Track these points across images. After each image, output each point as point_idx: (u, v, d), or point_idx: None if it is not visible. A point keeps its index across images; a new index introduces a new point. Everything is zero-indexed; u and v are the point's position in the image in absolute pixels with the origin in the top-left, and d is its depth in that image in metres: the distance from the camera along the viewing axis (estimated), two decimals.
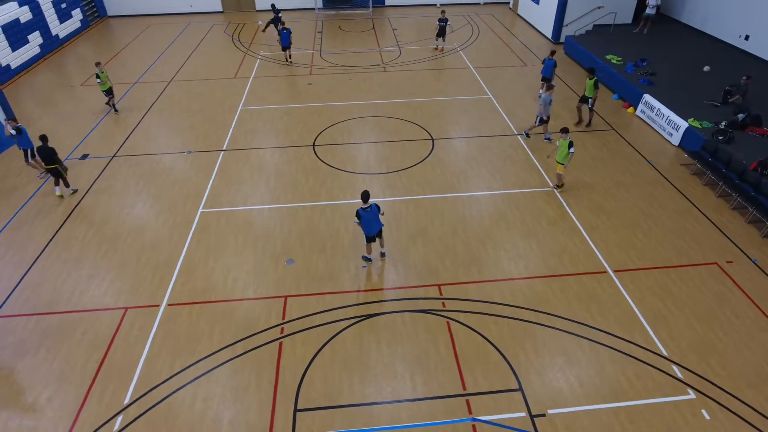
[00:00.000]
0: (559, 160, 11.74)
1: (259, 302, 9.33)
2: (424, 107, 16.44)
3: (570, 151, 11.42)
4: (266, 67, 19.99)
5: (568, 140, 11.42)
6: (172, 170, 13.37)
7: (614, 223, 11.15)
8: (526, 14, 24.81)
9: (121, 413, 7.49)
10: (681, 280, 9.65)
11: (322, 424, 7.30)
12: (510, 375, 7.93)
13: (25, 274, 10.11)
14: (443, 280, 9.73)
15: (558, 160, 11.77)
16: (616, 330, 8.64)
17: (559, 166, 11.82)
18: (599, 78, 14.99)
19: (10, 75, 18.90)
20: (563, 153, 11.54)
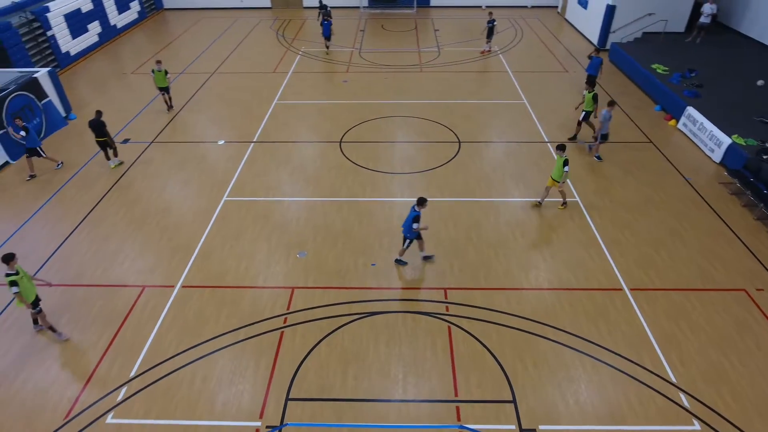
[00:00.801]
0: (554, 178, 11.27)
1: (266, 291, 9.59)
2: (456, 109, 16.30)
3: (564, 169, 10.90)
4: (305, 63, 20.40)
5: (564, 157, 10.89)
6: (204, 158, 13.91)
7: (637, 240, 10.70)
8: (573, 19, 24.08)
9: (126, 385, 7.91)
10: (701, 304, 9.15)
11: (311, 415, 7.44)
12: (505, 386, 7.80)
13: (59, 247, 10.82)
14: (450, 284, 9.66)
15: (553, 177, 11.30)
16: (623, 350, 8.31)
17: (554, 183, 11.31)
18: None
19: (69, 61, 20.20)
20: (559, 170, 11.06)
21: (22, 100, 14.30)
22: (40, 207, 12.07)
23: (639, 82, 17.55)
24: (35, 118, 14.72)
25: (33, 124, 14.52)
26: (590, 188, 12.35)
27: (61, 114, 15.79)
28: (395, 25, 25.28)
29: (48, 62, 19.01)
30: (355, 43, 22.63)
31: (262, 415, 7.45)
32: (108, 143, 13.32)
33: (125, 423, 7.38)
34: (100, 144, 13.31)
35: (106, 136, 13.17)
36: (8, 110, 13.74)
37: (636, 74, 17.68)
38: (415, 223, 9.20)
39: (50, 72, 15.54)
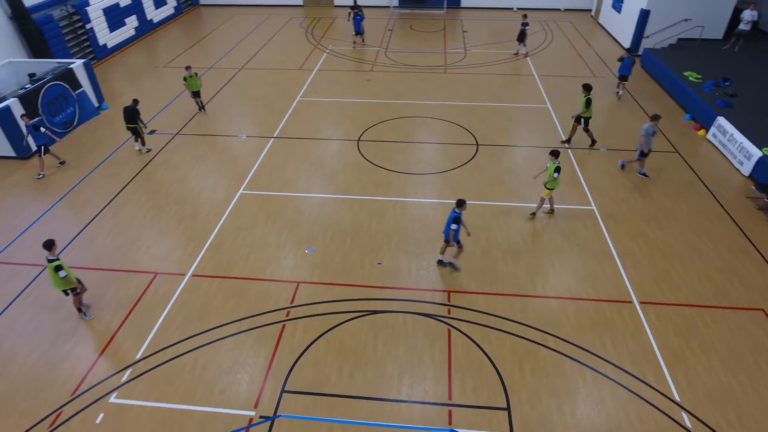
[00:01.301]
0: (546, 186, 11.02)
1: (272, 284, 9.76)
2: (477, 112, 16.16)
3: (554, 175, 10.66)
4: (331, 61, 20.58)
5: (556, 164, 10.65)
6: (225, 151, 14.24)
7: (653, 252, 10.38)
8: (606, 23, 23.47)
9: (131, 367, 8.21)
10: (714, 321, 8.81)
11: (304, 408, 7.54)
12: (500, 392, 7.71)
13: (81, 231, 11.29)
14: (454, 287, 9.61)
15: (546, 186, 11.03)
16: (627, 364, 8.09)
17: (546, 191, 11.05)
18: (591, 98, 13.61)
19: (105, 53, 20.99)
20: (549, 177, 10.82)
21: (58, 89, 14.96)
22: (67, 192, 12.61)
23: (669, 90, 16.98)
24: (69, 107, 15.37)
25: (65, 113, 15.19)
26: (608, 197, 12.05)
27: (93, 104, 16.44)
28: (424, 25, 25.22)
29: (86, 54, 19.81)
30: (382, 42, 22.68)
31: (257, 405, 7.60)
32: (138, 131, 13.87)
33: (127, 403, 7.66)
34: (131, 130, 13.89)
35: (136, 124, 13.73)
36: (44, 99, 14.41)
37: (667, 81, 17.12)
38: (454, 225, 9.17)
39: (85, 63, 16.19)
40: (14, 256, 10.61)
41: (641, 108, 16.28)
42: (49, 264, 8.39)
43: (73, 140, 15.06)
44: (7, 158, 13.91)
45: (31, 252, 10.65)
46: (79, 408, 7.61)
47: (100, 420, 7.43)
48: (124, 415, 7.51)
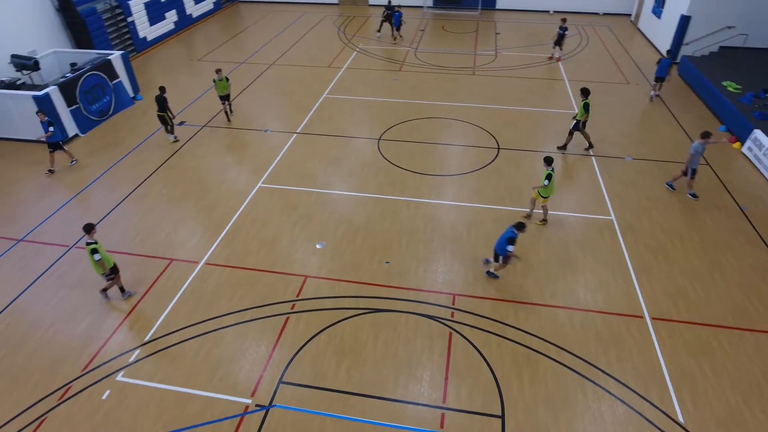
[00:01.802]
0: (541, 193, 10.82)
1: (281, 276, 9.94)
2: (501, 115, 15.96)
3: (544, 182, 10.53)
4: (361, 60, 20.72)
5: (547, 171, 10.52)
6: (248, 145, 14.56)
7: (671, 268, 10.01)
8: (646, 29, 22.70)
9: (139, 348, 8.53)
10: (730, 343, 8.43)
11: (299, 400, 7.66)
12: (496, 399, 7.62)
13: (108, 214, 11.79)
14: (460, 291, 9.54)
15: (540, 193, 10.84)
16: (631, 381, 7.85)
17: (541, 198, 10.88)
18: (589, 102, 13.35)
19: (145, 46, 21.80)
20: (542, 184, 10.66)
21: (95, 79, 15.65)
22: (97, 177, 13.20)
23: (706, 100, 16.30)
24: (105, 96, 16.06)
25: (102, 102, 15.88)
26: (629, 207, 11.69)
27: (129, 94, 17.11)
28: (456, 26, 25.04)
29: (126, 46, 20.63)
30: (413, 42, 22.66)
31: (254, 394, 7.77)
32: (165, 119, 14.36)
33: (132, 382, 7.97)
34: (160, 118, 14.42)
35: (164, 112, 14.23)
36: (82, 88, 15.10)
37: (704, 91, 16.43)
38: (510, 246, 9.02)
39: (123, 55, 16.87)
40: (43, 235, 11.19)
41: (674, 117, 15.69)
42: (87, 247, 8.72)
43: (107, 128, 15.72)
44: (43, 142, 14.62)
45: (59, 232, 11.21)
46: (88, 383, 7.97)
47: (106, 396, 7.76)
48: (128, 394, 7.81)
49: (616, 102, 16.75)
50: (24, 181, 13.06)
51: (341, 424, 7.31)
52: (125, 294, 9.48)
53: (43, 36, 17.59)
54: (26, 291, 9.72)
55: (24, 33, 16.79)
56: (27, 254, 10.63)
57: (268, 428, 7.29)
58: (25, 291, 9.72)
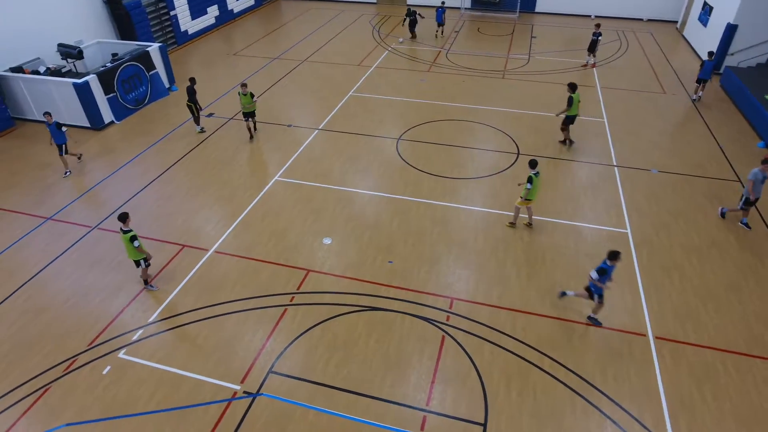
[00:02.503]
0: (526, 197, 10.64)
1: (284, 269, 10.14)
2: (526, 120, 15.65)
3: (527, 186, 10.38)
4: (391, 59, 20.77)
5: (531, 174, 10.39)
6: (270, 139, 14.90)
7: (684, 287, 9.58)
8: (691, 37, 21.68)
9: (142, 328, 8.92)
10: (738, 370, 8.00)
11: (286, 390, 7.81)
12: (480, 407, 7.53)
13: (130, 199, 12.35)
14: (459, 295, 9.46)
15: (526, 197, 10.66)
16: (625, 401, 7.57)
17: (519, 198, 10.77)
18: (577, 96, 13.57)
19: (186, 39, 22.63)
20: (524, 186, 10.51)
21: (133, 69, 16.40)
22: (125, 163, 13.84)
23: (747, 113, 15.45)
24: (141, 86, 16.79)
25: (138, 91, 16.62)
26: (648, 221, 11.25)
27: (165, 85, 17.82)
28: (492, 28, 24.69)
29: (167, 38, 21.49)
30: (446, 43, 22.52)
31: (244, 381, 7.98)
32: (192, 110, 14.88)
33: (132, 360, 8.34)
34: (189, 108, 14.97)
35: (192, 103, 14.76)
36: (119, 77, 15.86)
37: (745, 104, 15.58)
38: (595, 273, 8.21)
39: (161, 47, 17.59)
40: (70, 215, 11.84)
41: (709, 130, 14.95)
42: (124, 235, 9.04)
43: (142, 116, 16.45)
44: (83, 128, 15.49)
45: (84, 213, 11.84)
46: (92, 358, 8.40)
47: (107, 371, 8.16)
48: (127, 371, 8.19)
49: (649, 112, 16.11)
50: (58, 163, 13.82)
51: (323, 418, 7.42)
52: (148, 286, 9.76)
53: (90, 27, 18.55)
54: (48, 267, 10.33)
55: (72, 23, 17.76)
56: (53, 232, 11.28)
57: (252, 415, 7.48)
58: (47, 267, 10.33)
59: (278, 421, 7.40)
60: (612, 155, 13.74)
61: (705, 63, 16.05)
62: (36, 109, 15.63)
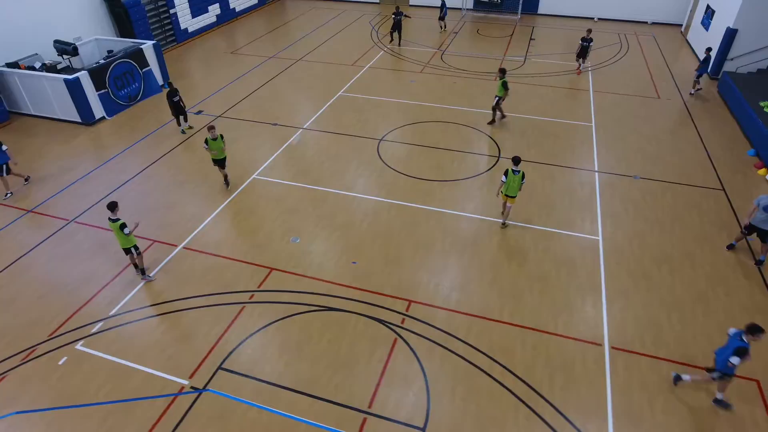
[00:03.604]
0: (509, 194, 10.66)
1: (248, 267, 10.21)
2: (512, 124, 15.48)
3: (502, 179, 10.57)
4: (385, 59, 20.74)
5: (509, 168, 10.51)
6: (254, 137, 15.01)
7: (651, 297, 9.37)
8: (694, 41, 21.17)
9: (103, 321, 9.06)
10: (693, 384, 7.79)
11: (232, 387, 7.87)
12: (422, 412, 7.48)
13: (111, 193, 12.56)
14: (418, 298, 9.40)
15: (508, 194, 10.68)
16: (570, 411, 7.44)
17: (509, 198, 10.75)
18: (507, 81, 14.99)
19: (185, 37, 22.94)
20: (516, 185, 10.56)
21: (126, 66, 16.68)
22: (112, 157, 14.09)
23: (740, 120, 15.04)
24: (134, 83, 17.08)
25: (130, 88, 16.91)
26: (622, 229, 11.04)
27: (158, 82, 18.10)
28: (492, 30, 24.46)
29: (167, 36, 21.81)
30: (443, 44, 22.40)
31: (192, 376, 8.06)
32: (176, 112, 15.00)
33: (88, 352, 8.49)
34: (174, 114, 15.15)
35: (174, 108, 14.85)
36: (111, 74, 16.16)
37: (740, 110, 15.16)
38: (736, 358, 6.83)
39: (155, 45, 17.86)
40: (50, 208, 12.10)
41: (700, 137, 14.60)
42: (113, 223, 9.24)
43: (133, 113, 16.73)
44: (74, 122, 15.83)
45: (63, 207, 12.09)
46: (51, 348, 8.58)
47: (63, 362, 8.33)
48: (83, 362, 8.34)
49: (641, 117, 15.79)
50: (50, 157, 14.15)
51: (264, 416, 7.45)
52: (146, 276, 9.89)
53: (90, 24, 18.93)
54: (22, 258, 10.58)
55: (72, 20, 18.16)
56: (32, 224, 11.55)
57: (195, 410, 7.56)
58: (21, 258, 10.58)
59: (220, 417, 7.47)
60: (595, 161, 13.51)
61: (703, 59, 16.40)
62: (31, 103, 16.04)
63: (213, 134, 11.95)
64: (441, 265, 10.17)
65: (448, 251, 10.51)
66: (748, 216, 10.04)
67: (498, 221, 11.27)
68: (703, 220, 11.31)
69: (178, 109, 14.92)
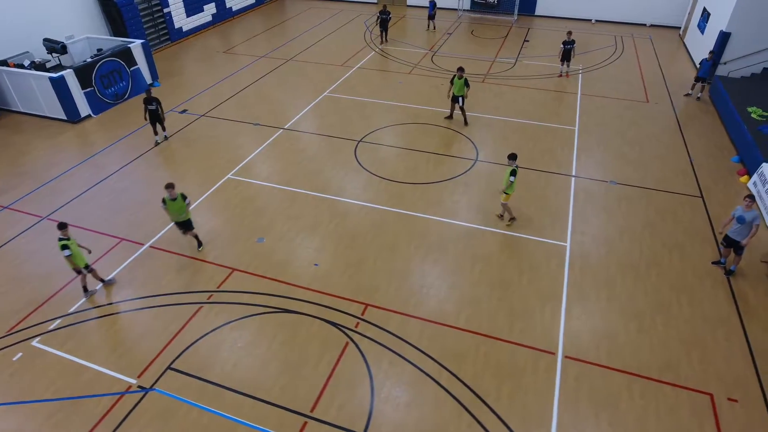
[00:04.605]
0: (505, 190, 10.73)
1: (210, 267, 10.24)
2: (494, 126, 15.32)
3: (510, 179, 10.54)
4: (375, 60, 20.67)
5: (512, 167, 10.56)
6: (235, 136, 15.06)
7: (612, 305, 9.19)
8: (690, 44, 20.76)
9: (61, 318, 9.15)
10: (643, 396, 7.63)
11: (178, 387, 7.89)
12: (364, 418, 7.42)
13: (86, 191, 12.68)
14: (374, 302, 9.34)
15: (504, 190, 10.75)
16: (513, 421, 7.33)
17: (502, 195, 10.79)
18: None
19: (179, 36, 23.11)
20: (506, 180, 10.58)
21: (113, 65, 16.85)
22: (93, 155, 14.24)
23: (727, 125, 14.70)
24: (122, 81, 17.25)
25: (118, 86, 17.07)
26: (591, 235, 10.85)
27: (146, 81, 18.25)
28: (487, 31, 24.23)
29: (160, 35, 22.00)
30: (435, 46, 22.26)
31: (141, 375, 8.10)
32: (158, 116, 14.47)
33: (43, 349, 8.58)
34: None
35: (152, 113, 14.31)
36: (98, 72, 16.33)
37: (727, 116, 14.83)
38: None
39: (144, 44, 18.01)
40: (27, 205, 12.25)
41: (684, 143, 14.29)
42: (59, 242, 8.95)
43: (119, 111, 16.89)
44: (59, 120, 16.03)
45: (38, 204, 12.23)
46: (7, 344, 8.68)
47: (17, 358, 8.42)
48: (36, 359, 8.43)
49: (626, 121, 15.51)
50: (34, 154, 14.34)
51: (205, 417, 7.46)
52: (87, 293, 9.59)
53: (83, 22, 19.17)
54: None
55: (64, 19, 18.40)
56: (6, 221, 11.70)
57: (139, 410, 7.59)
58: None
59: (162, 417, 7.48)
60: (573, 165, 13.30)
61: (703, 63, 16.00)
62: (19, 100, 16.28)
63: (171, 193, 9.93)
64: (403, 268, 10.09)
65: (412, 255, 10.43)
66: (722, 226, 9.81)
67: (465, 225, 11.17)
68: (676, 227, 11.07)
69: (153, 117, 14.37)
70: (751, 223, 9.12)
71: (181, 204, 10.09)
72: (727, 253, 9.87)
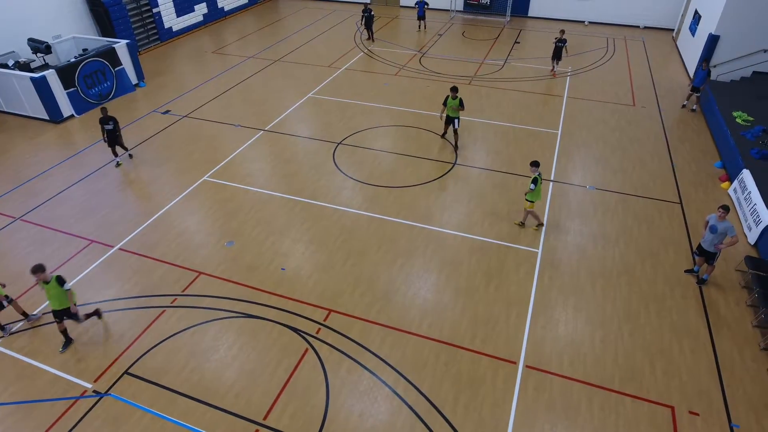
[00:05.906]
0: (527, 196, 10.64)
1: (177, 270, 10.17)
2: (476, 129, 15.17)
3: (531, 186, 10.41)
4: (363, 62, 20.55)
5: (534, 175, 10.40)
6: (214, 138, 14.98)
7: (578, 315, 9.04)
8: (682, 47, 20.51)
9: (22, 321, 9.10)
10: (602, 408, 7.48)
11: (132, 392, 7.81)
12: (316, 427, 7.31)
13: (62, 192, 12.65)
14: (338, 307, 9.24)
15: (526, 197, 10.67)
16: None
17: (527, 203, 10.65)
18: None
19: (169, 36, 23.08)
20: (528, 188, 10.49)
21: (96, 65, 16.82)
22: (73, 155, 14.22)
23: (713, 130, 14.48)
24: (106, 81, 17.23)
25: (102, 86, 17.06)
26: (565, 242, 10.69)
27: (131, 81, 18.22)
28: (478, 33, 24.05)
29: (149, 35, 21.98)
30: (424, 47, 22.11)
31: (98, 380, 8.03)
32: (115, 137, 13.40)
33: (2, 351, 8.54)
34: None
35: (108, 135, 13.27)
36: (81, 72, 16.31)
37: (712, 120, 14.61)
38: None
39: (129, 44, 17.97)
40: (1, 206, 12.25)
41: (668, 148, 14.09)
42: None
43: None
44: (41, 120, 16.03)
45: (14, 204, 12.21)
46: None
47: None
48: None
49: (610, 125, 15.32)
50: (14, 153, 14.33)
51: (157, 423, 7.38)
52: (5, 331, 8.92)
53: (70, 22, 19.19)
54: None
55: (52, 19, 18.42)
56: None
57: (92, 415, 7.52)
58: None
59: (114, 422, 7.42)
60: (552, 169, 13.14)
61: (698, 72, 15.64)
62: (3, 100, 16.29)
63: (43, 276, 7.98)
64: (369, 274, 9.98)
65: (380, 260, 10.31)
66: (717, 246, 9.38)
67: (436, 229, 11.04)
68: (652, 234, 10.89)
69: (111, 137, 13.26)
70: (724, 234, 8.93)
71: (56, 288, 8.07)
72: (701, 262, 9.69)
